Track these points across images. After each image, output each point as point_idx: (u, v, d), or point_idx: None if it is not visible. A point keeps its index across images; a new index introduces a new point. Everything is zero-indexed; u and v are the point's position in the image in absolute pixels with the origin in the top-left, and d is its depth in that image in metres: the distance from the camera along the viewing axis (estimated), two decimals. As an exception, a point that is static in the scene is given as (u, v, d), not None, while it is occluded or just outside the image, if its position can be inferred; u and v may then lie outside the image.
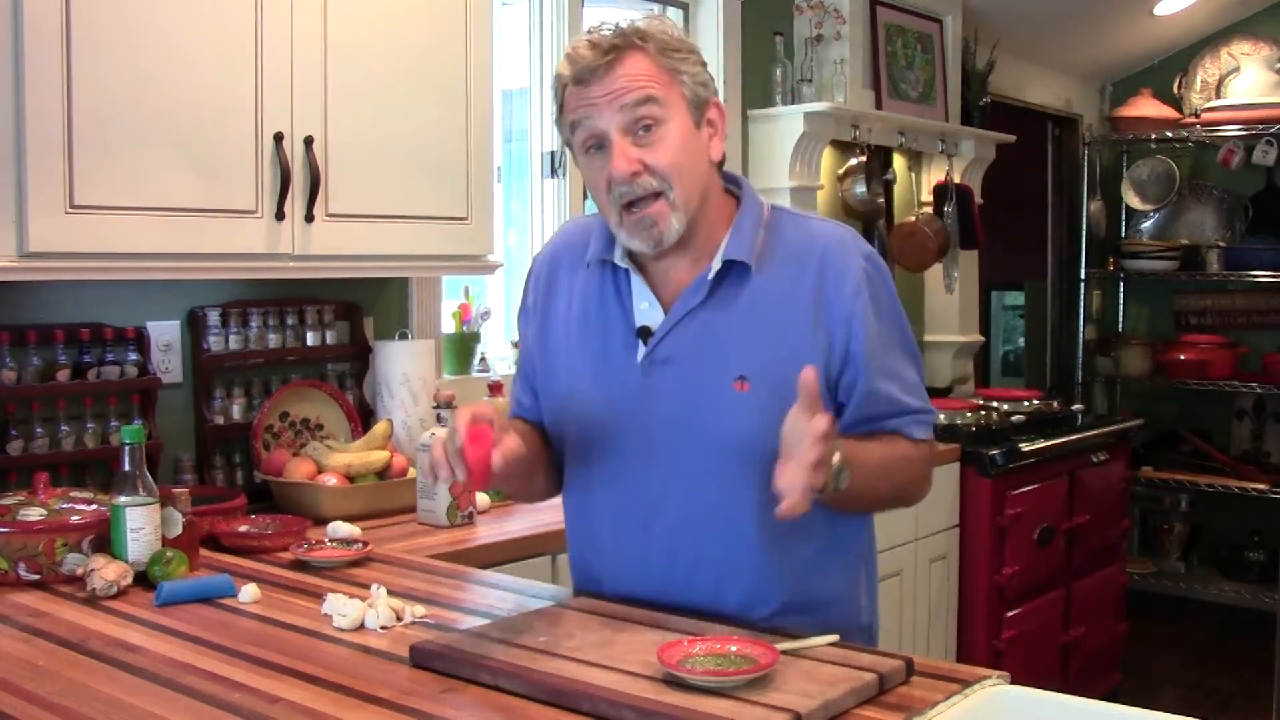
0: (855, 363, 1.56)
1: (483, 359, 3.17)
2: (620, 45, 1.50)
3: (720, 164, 1.61)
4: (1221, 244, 5.25)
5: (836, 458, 1.40)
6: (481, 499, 2.50)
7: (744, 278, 1.56)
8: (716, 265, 1.56)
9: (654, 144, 1.50)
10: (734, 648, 1.37)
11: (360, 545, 2.06)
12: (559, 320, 1.69)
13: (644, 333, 1.58)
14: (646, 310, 1.59)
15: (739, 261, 1.55)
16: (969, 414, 3.81)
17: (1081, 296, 5.55)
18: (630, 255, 1.60)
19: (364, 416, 2.75)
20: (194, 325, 2.54)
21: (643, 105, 1.49)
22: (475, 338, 3.13)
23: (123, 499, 1.85)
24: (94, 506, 1.97)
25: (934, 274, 4.38)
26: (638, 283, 1.60)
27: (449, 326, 3.07)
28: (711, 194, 1.58)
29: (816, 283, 1.55)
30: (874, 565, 1.80)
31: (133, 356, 2.38)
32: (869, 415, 1.58)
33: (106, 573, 1.79)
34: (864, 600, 1.76)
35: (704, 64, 1.57)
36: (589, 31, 1.54)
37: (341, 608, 1.64)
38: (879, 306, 1.57)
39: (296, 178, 2.29)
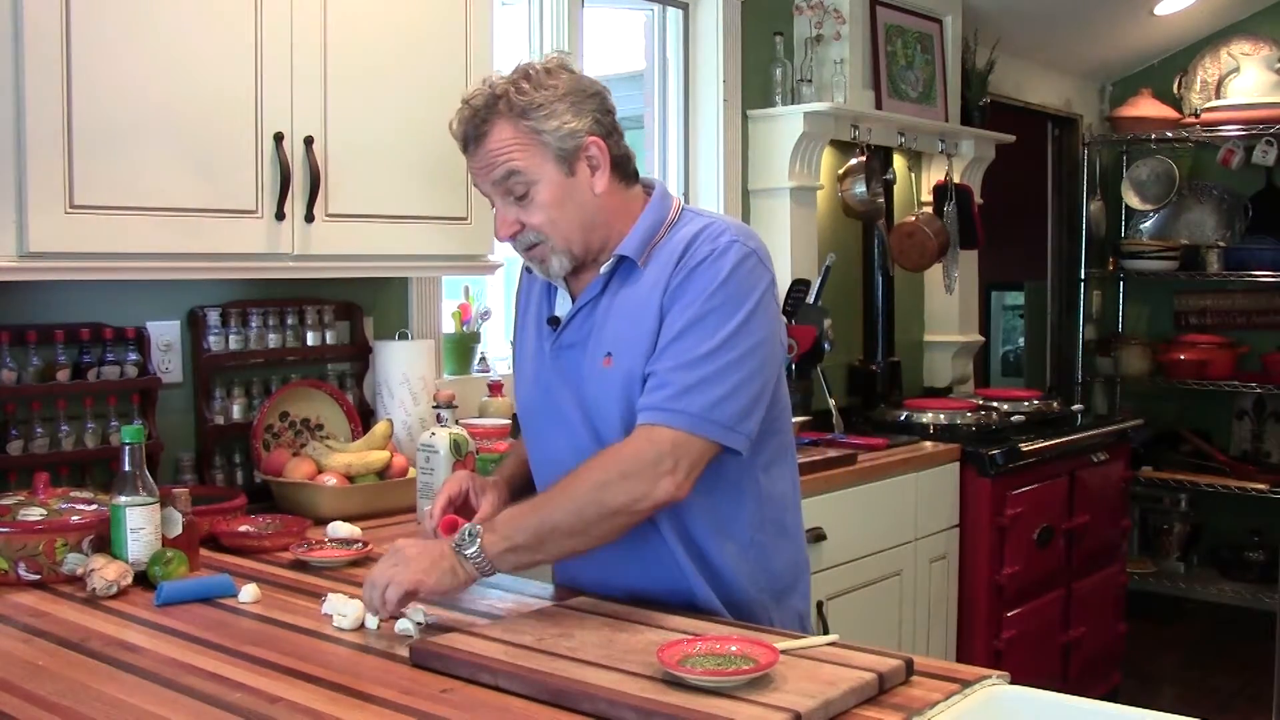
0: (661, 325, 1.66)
1: (483, 359, 3.17)
2: (485, 116, 1.67)
3: (619, 187, 1.73)
4: (1221, 244, 5.26)
5: (457, 539, 1.59)
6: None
7: (632, 271, 1.72)
8: (611, 261, 1.73)
9: (527, 205, 1.69)
10: (734, 648, 1.37)
11: (360, 545, 2.06)
12: (521, 327, 1.92)
13: (554, 322, 1.79)
14: (561, 305, 1.81)
15: (627, 258, 1.72)
16: (969, 414, 3.81)
17: (1081, 296, 5.55)
18: None
19: (364, 416, 2.75)
20: (194, 325, 2.54)
21: (508, 178, 1.67)
22: (475, 338, 3.13)
23: (123, 499, 1.85)
24: (94, 506, 1.97)
25: (934, 274, 4.38)
26: (560, 286, 1.81)
27: (449, 326, 3.08)
28: (610, 217, 1.72)
29: (674, 266, 1.67)
30: (790, 547, 1.82)
31: (133, 356, 2.38)
32: (644, 375, 1.65)
33: (106, 573, 1.79)
34: (763, 568, 1.78)
35: (571, 109, 1.66)
36: (470, 95, 1.71)
37: (341, 608, 1.64)
38: (700, 278, 1.63)
39: (296, 178, 2.29)
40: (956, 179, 4.32)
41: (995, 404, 4.02)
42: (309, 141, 2.31)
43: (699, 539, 1.72)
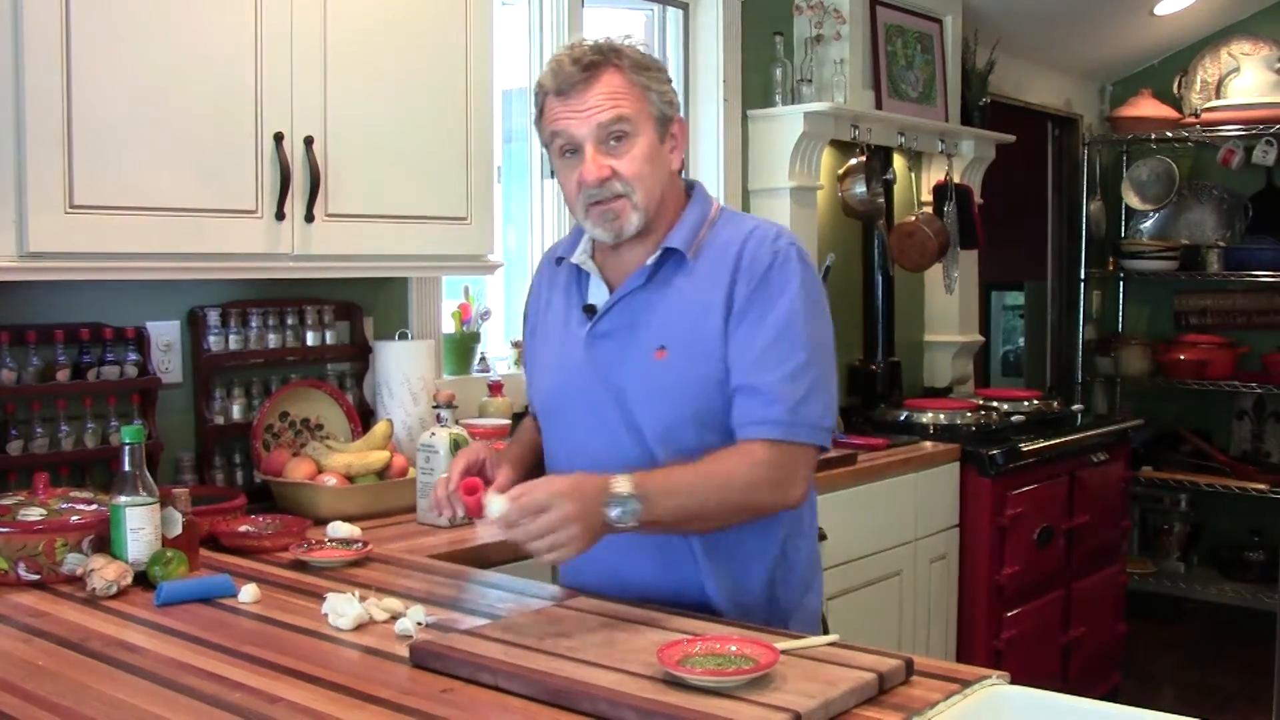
0: (731, 330, 1.68)
1: (483, 359, 3.17)
2: (599, 62, 1.67)
3: (680, 171, 1.80)
4: (1221, 244, 5.26)
5: (617, 511, 1.55)
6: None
7: (680, 265, 1.73)
8: (657, 253, 1.73)
9: (622, 154, 1.68)
10: (734, 648, 1.37)
11: (360, 545, 2.06)
12: (540, 317, 1.91)
13: (589, 310, 1.78)
14: (596, 294, 1.80)
15: (676, 250, 1.72)
16: (969, 414, 3.81)
17: (1081, 296, 5.55)
18: (591, 255, 1.81)
19: (364, 416, 2.75)
20: (194, 325, 2.54)
21: (615, 122, 1.67)
22: (475, 338, 3.14)
23: (123, 499, 1.85)
24: (94, 506, 1.97)
25: (934, 274, 4.38)
26: (594, 274, 1.80)
27: (449, 326, 3.08)
28: (668, 198, 1.76)
29: (734, 267, 1.70)
30: (810, 548, 1.86)
31: (133, 356, 2.38)
32: (734, 388, 1.67)
33: (106, 573, 1.79)
34: (790, 577, 1.81)
35: (671, 84, 1.76)
36: (570, 46, 1.71)
37: (341, 608, 1.64)
38: (770, 284, 1.68)
39: (296, 178, 2.29)
40: (956, 179, 4.32)
41: (995, 404, 4.02)
42: (309, 141, 2.31)
43: (736, 540, 1.73)
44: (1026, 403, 4.10)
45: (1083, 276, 5.53)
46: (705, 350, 1.67)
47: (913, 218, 4.22)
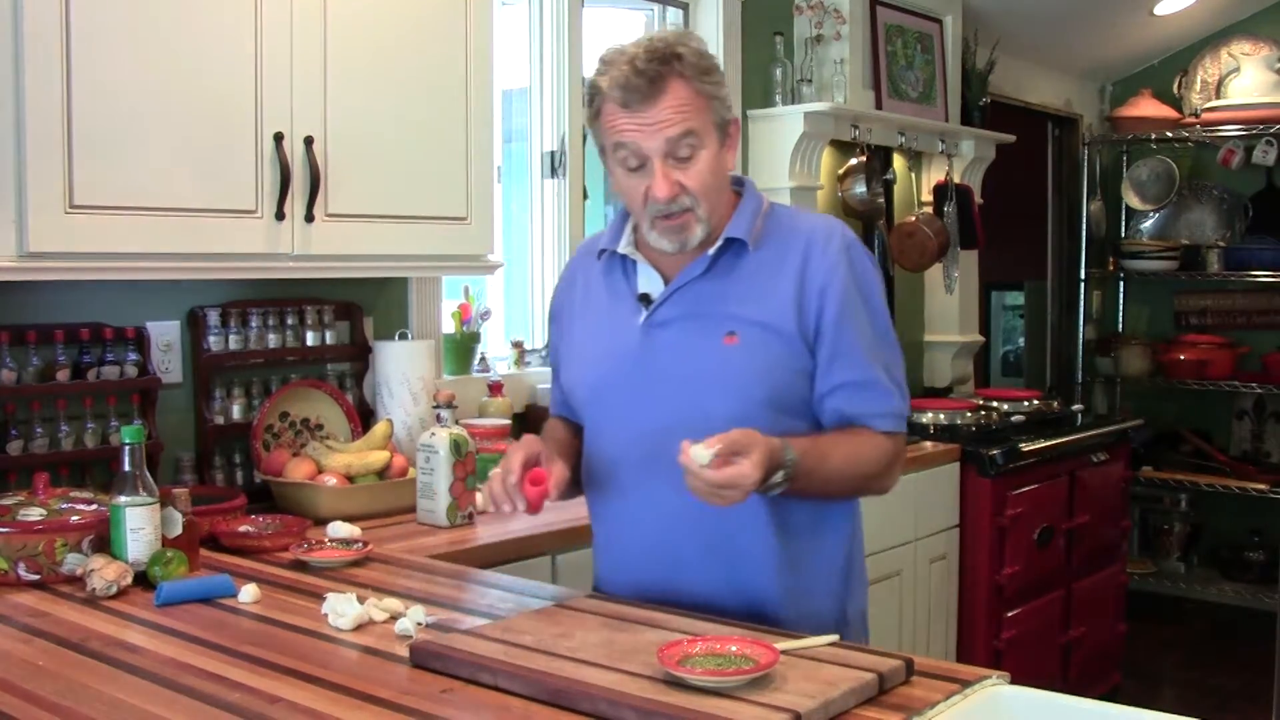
0: (825, 336, 1.69)
1: (483, 359, 3.17)
2: (664, 73, 1.62)
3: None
4: (1221, 244, 5.25)
5: (780, 475, 1.58)
6: (481, 499, 2.50)
7: (740, 254, 1.72)
8: (719, 243, 1.71)
9: (690, 168, 1.65)
10: (734, 648, 1.37)
11: (360, 545, 2.06)
12: (577, 309, 1.87)
13: (645, 299, 1.75)
14: (648, 283, 1.76)
15: (737, 239, 1.71)
16: (969, 414, 3.81)
17: (1081, 296, 5.55)
18: (635, 245, 1.77)
19: (364, 416, 2.75)
20: (194, 325, 2.54)
21: (684, 137, 1.63)
22: (475, 338, 3.13)
23: (123, 499, 1.85)
24: (94, 506, 1.97)
25: (934, 274, 4.38)
26: (642, 264, 1.77)
27: (449, 326, 3.07)
28: (725, 196, 1.75)
29: (802, 257, 1.70)
30: (860, 552, 1.86)
31: (133, 356, 2.38)
32: (836, 385, 1.70)
33: (106, 573, 1.79)
34: (848, 583, 1.81)
35: (724, 82, 1.71)
36: (628, 49, 1.64)
37: (341, 608, 1.64)
38: (854, 287, 1.71)
39: (296, 178, 2.29)
40: (956, 179, 4.32)
41: (995, 404, 4.02)
42: (309, 141, 2.31)
43: (809, 550, 1.74)
44: (1026, 403, 4.11)
45: (1083, 276, 5.53)
46: (778, 335, 1.67)
47: (913, 218, 4.22)
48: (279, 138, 2.26)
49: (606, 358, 1.77)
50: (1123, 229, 5.66)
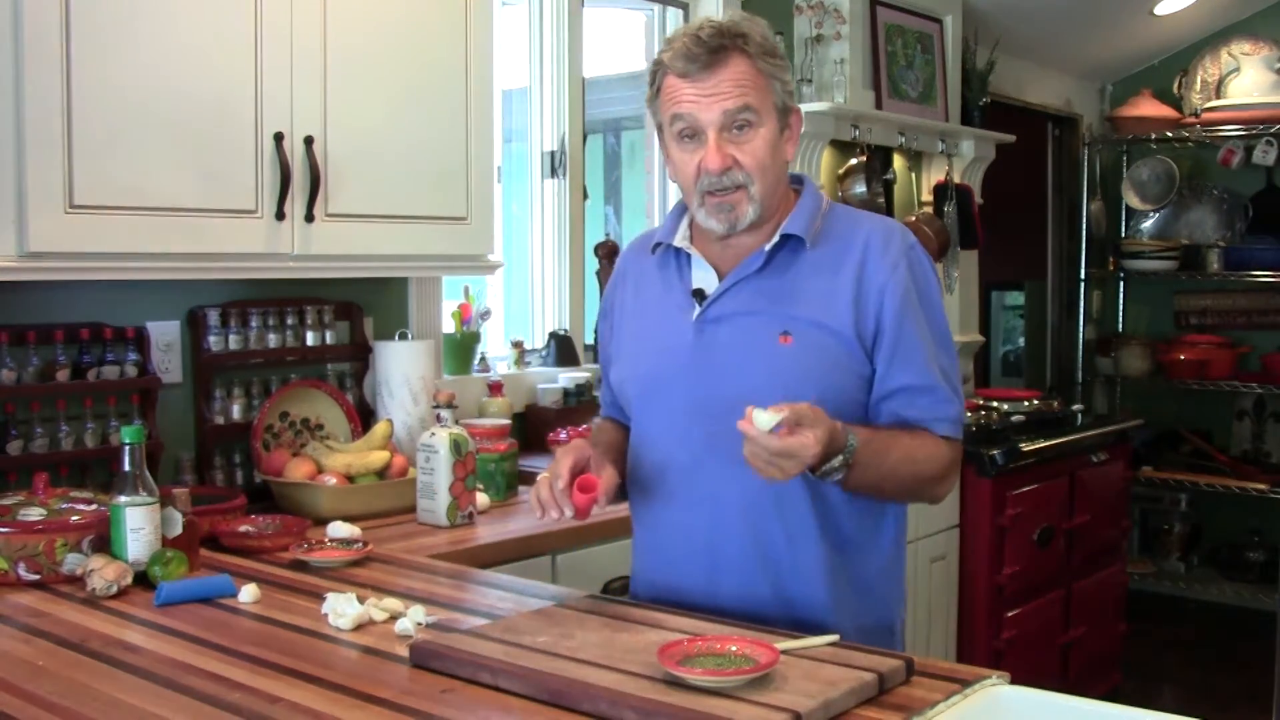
0: (884, 339, 1.67)
1: (483, 359, 3.17)
2: (726, 46, 1.62)
3: (788, 163, 1.75)
4: (1221, 244, 5.26)
5: (838, 459, 1.55)
6: (481, 499, 2.50)
7: (798, 252, 1.70)
8: (776, 238, 1.69)
9: (745, 144, 1.64)
10: (734, 648, 1.37)
11: (360, 545, 2.06)
12: (629, 305, 1.85)
13: (699, 295, 1.72)
14: (703, 278, 1.74)
15: (795, 236, 1.69)
16: (969, 414, 3.81)
17: (1081, 296, 5.55)
18: (691, 240, 1.76)
19: (364, 416, 2.75)
20: (194, 325, 2.54)
21: (741, 111, 1.62)
22: (475, 338, 3.13)
23: (123, 499, 1.85)
24: (94, 506, 1.97)
25: (934, 274, 4.37)
26: (697, 258, 1.75)
27: (449, 326, 3.07)
28: (782, 189, 1.73)
29: (861, 257, 1.68)
30: (903, 560, 1.83)
31: (133, 356, 2.38)
32: (894, 389, 1.67)
33: (106, 573, 1.79)
34: (893, 593, 1.79)
35: (790, 71, 1.72)
36: (696, 26, 1.65)
37: (341, 608, 1.64)
38: (914, 288, 1.69)
39: (296, 178, 2.29)
40: (956, 179, 4.32)
41: (995, 404, 4.02)
42: (309, 141, 2.31)
43: (858, 561, 1.72)
44: (1026, 403, 4.10)
45: (1083, 276, 5.53)
46: (834, 337, 1.65)
47: (913, 218, 4.22)
48: (279, 138, 2.26)
49: (658, 353, 1.74)
50: (1123, 229, 5.66)
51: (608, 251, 3.39)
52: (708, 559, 1.69)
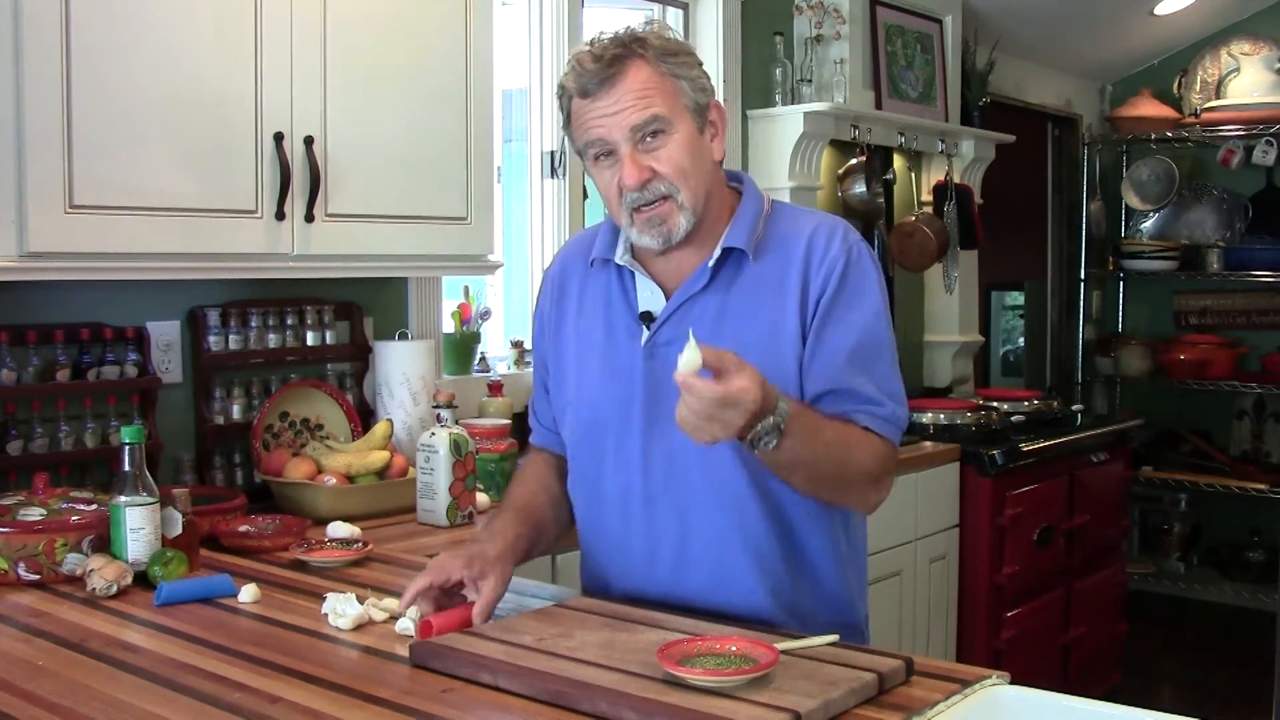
0: (813, 333, 1.60)
1: (482, 359, 3.17)
2: (622, 55, 1.56)
3: (720, 162, 1.68)
4: (1221, 244, 5.26)
5: (770, 420, 1.43)
6: (481, 499, 2.50)
7: (741, 265, 1.64)
8: (716, 253, 1.63)
9: (659, 150, 1.57)
10: (734, 648, 1.37)
11: (360, 545, 2.06)
12: (570, 322, 1.76)
13: (646, 318, 1.66)
14: (649, 299, 1.67)
15: (737, 249, 1.63)
16: (969, 414, 3.81)
17: (1081, 296, 5.55)
18: (633, 254, 1.68)
19: (364, 416, 2.75)
20: (194, 325, 2.54)
21: (649, 121, 1.56)
22: (475, 338, 3.14)
23: (123, 499, 1.85)
24: (94, 506, 1.97)
25: (934, 274, 4.38)
26: (641, 277, 1.68)
27: (449, 326, 3.07)
28: (714, 191, 1.66)
29: (803, 265, 1.62)
30: (864, 557, 1.82)
31: (133, 356, 2.38)
32: (819, 393, 1.60)
33: (106, 573, 1.79)
34: (858, 591, 1.78)
35: (701, 66, 1.64)
36: (589, 43, 1.59)
37: (341, 608, 1.64)
38: (847, 287, 1.61)
39: (296, 177, 2.29)
40: (956, 179, 4.32)
41: (995, 404, 4.02)
42: (309, 141, 2.31)
43: (819, 543, 1.69)
44: (1026, 403, 4.11)
45: (1083, 276, 5.53)
46: (782, 353, 1.59)
47: (913, 218, 4.23)
48: (279, 138, 2.26)
49: (608, 381, 1.68)
50: (1123, 229, 5.66)
51: (608, 251, 3.39)
52: (672, 585, 1.65)
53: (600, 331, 1.70)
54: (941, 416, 3.77)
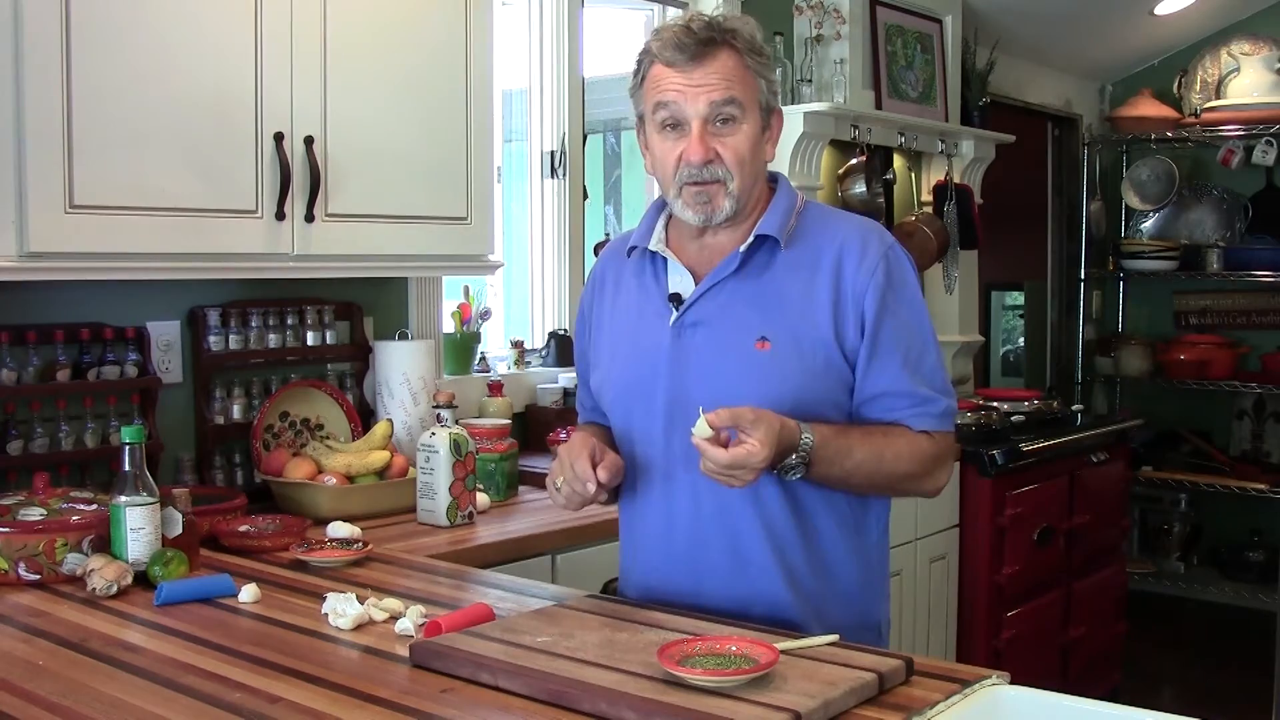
0: (863, 342, 1.66)
1: (483, 359, 3.17)
2: (715, 39, 1.64)
3: (767, 164, 1.76)
4: (1221, 244, 5.26)
5: (794, 458, 1.57)
6: (481, 499, 2.50)
7: (773, 253, 1.69)
8: (750, 239, 1.68)
9: (727, 138, 1.64)
10: (734, 648, 1.37)
11: (360, 545, 2.06)
12: (606, 310, 1.83)
13: (675, 299, 1.71)
14: (679, 283, 1.73)
15: (770, 237, 1.68)
16: (969, 414, 3.81)
17: (1081, 296, 5.55)
18: (667, 242, 1.75)
19: (364, 416, 2.75)
20: (194, 325, 2.54)
21: (727, 103, 1.63)
22: (475, 338, 3.14)
23: (123, 499, 1.85)
24: (94, 506, 1.97)
25: (934, 274, 4.38)
26: (672, 261, 1.74)
27: (449, 326, 3.08)
28: (758, 188, 1.73)
29: (838, 260, 1.67)
30: (886, 560, 1.83)
31: (133, 356, 2.38)
32: (873, 395, 1.68)
33: (106, 573, 1.79)
34: (878, 592, 1.79)
35: (776, 72, 1.74)
36: (686, 19, 1.66)
37: (341, 608, 1.64)
38: (894, 290, 1.67)
39: (297, 178, 2.29)
40: (956, 179, 4.32)
41: (995, 404, 4.02)
42: (309, 141, 2.31)
43: (841, 561, 1.72)
44: (1026, 403, 4.11)
45: (1083, 276, 5.54)
46: (812, 341, 1.64)
47: (913, 218, 4.22)
48: (279, 138, 2.26)
49: (636, 359, 1.73)
50: (1123, 229, 5.66)
51: (608, 251, 3.39)
52: (689, 564, 1.70)
53: (633, 314, 1.77)
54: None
